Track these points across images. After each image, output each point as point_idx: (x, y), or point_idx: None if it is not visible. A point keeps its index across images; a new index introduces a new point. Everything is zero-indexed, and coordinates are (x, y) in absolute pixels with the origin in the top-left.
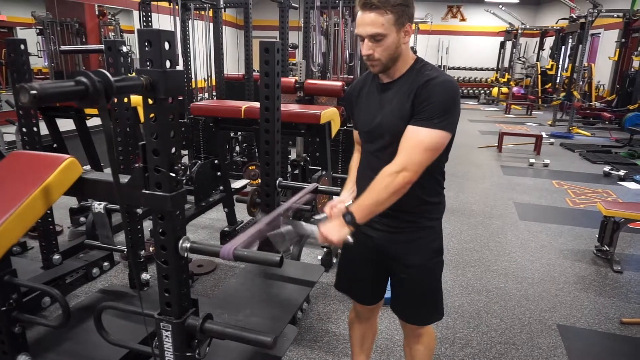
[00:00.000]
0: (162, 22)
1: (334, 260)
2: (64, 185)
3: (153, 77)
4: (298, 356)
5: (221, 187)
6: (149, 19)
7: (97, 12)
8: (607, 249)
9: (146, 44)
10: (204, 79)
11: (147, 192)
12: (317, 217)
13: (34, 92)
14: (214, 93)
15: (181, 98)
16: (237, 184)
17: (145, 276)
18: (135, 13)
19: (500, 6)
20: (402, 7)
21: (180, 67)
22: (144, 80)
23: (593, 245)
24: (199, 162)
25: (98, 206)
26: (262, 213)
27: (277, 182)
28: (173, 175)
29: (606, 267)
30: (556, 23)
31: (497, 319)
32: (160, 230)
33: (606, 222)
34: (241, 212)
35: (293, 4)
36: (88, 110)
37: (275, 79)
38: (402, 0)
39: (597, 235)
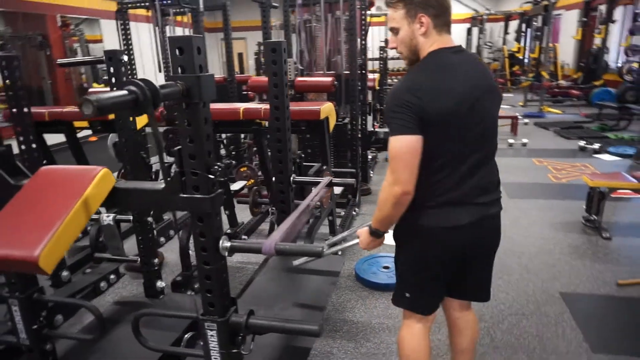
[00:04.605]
0: (134, 29)
1: (339, 253)
2: (101, 196)
3: (188, 82)
4: (322, 346)
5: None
6: (127, 26)
7: (59, 24)
8: (595, 218)
9: (177, 51)
10: None
11: (185, 195)
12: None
13: (96, 104)
14: None
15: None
16: (235, 186)
17: (160, 284)
18: (103, 22)
19: None
20: (409, 0)
21: (161, 74)
22: (181, 86)
23: (580, 216)
24: None
25: (107, 218)
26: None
27: (292, 178)
28: (211, 177)
29: (596, 235)
30: (520, 7)
31: (503, 293)
32: (200, 232)
33: (592, 193)
34: (240, 214)
35: (274, 3)
36: (77, 124)
37: (284, 78)
38: None
39: (583, 207)
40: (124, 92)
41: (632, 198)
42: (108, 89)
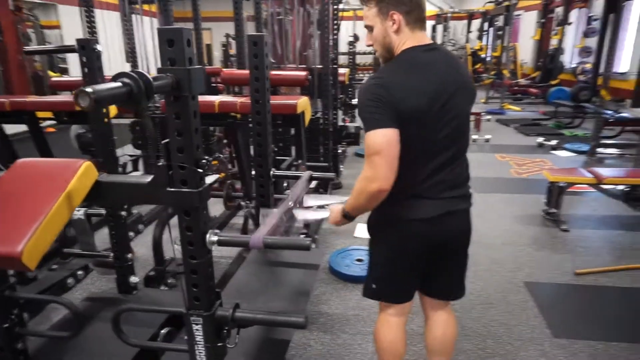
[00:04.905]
0: (100, 16)
1: (313, 246)
2: (84, 190)
3: (178, 75)
4: (299, 338)
5: None
6: (92, 14)
7: (11, 7)
8: (555, 211)
9: (167, 43)
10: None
11: (172, 189)
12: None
13: (93, 95)
14: None
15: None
16: (207, 180)
17: (133, 279)
18: (60, 7)
19: None
20: None
21: (128, 65)
22: (171, 79)
23: (541, 209)
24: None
25: (77, 212)
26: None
27: (271, 172)
28: (200, 170)
29: (555, 227)
30: (483, 6)
31: (472, 283)
32: (186, 226)
33: (552, 187)
34: (213, 207)
35: None
36: (40, 114)
37: (265, 71)
38: None
39: (543, 200)
40: (118, 84)
41: (587, 192)
42: (67, 78)
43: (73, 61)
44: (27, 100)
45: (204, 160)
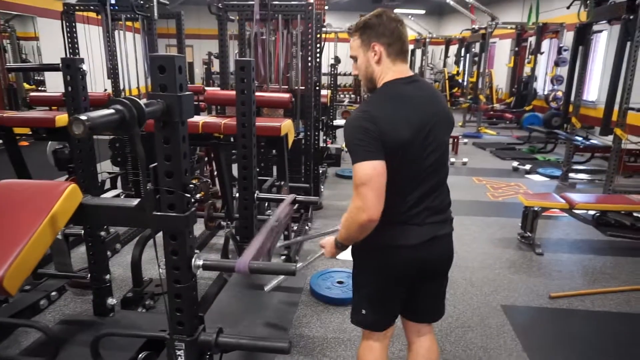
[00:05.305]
0: (82, 31)
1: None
2: (68, 213)
3: (168, 101)
4: None
5: None
6: (73, 29)
7: None
8: (529, 235)
9: (159, 69)
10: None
11: (159, 214)
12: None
13: (88, 123)
14: None
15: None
16: None
17: (111, 301)
18: (39, 20)
19: (410, 16)
20: (364, 30)
21: (108, 86)
22: (161, 105)
23: (516, 232)
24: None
25: None
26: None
27: (255, 194)
28: (187, 195)
29: (530, 251)
30: (460, 33)
31: (451, 306)
32: (172, 250)
33: (527, 211)
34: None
35: (230, 17)
36: (18, 130)
37: (252, 96)
38: (363, 24)
39: (519, 224)
40: (111, 111)
41: (560, 216)
42: (46, 93)
43: (49, 73)
44: (3, 116)
45: (191, 185)
